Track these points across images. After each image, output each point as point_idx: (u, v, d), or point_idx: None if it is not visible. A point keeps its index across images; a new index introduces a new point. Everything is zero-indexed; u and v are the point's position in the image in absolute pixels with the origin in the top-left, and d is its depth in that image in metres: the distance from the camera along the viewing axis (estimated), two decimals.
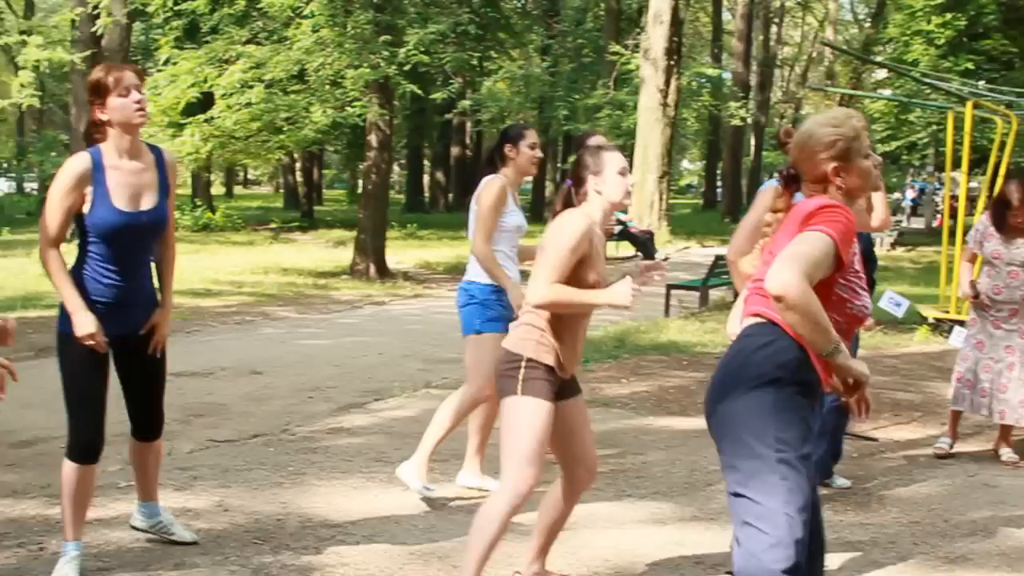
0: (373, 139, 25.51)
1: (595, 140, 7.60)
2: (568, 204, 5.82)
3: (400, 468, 7.70)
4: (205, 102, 25.76)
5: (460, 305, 7.73)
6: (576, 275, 5.56)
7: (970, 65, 33.82)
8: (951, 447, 9.73)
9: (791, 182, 4.60)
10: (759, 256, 4.62)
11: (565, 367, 5.69)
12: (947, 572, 6.76)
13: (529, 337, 5.60)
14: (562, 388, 5.73)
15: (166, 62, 24.99)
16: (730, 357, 4.48)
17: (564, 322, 5.63)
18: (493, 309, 7.39)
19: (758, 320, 4.44)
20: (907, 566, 6.83)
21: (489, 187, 7.59)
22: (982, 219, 9.83)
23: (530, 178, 8.63)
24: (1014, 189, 9.44)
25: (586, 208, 5.75)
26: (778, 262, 4.23)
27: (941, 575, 6.70)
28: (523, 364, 5.55)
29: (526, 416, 5.52)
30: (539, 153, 7.94)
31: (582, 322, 5.79)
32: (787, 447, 4.29)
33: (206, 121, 23.93)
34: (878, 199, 7.59)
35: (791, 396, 4.32)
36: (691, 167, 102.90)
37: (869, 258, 8.37)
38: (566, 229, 5.56)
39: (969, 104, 17.55)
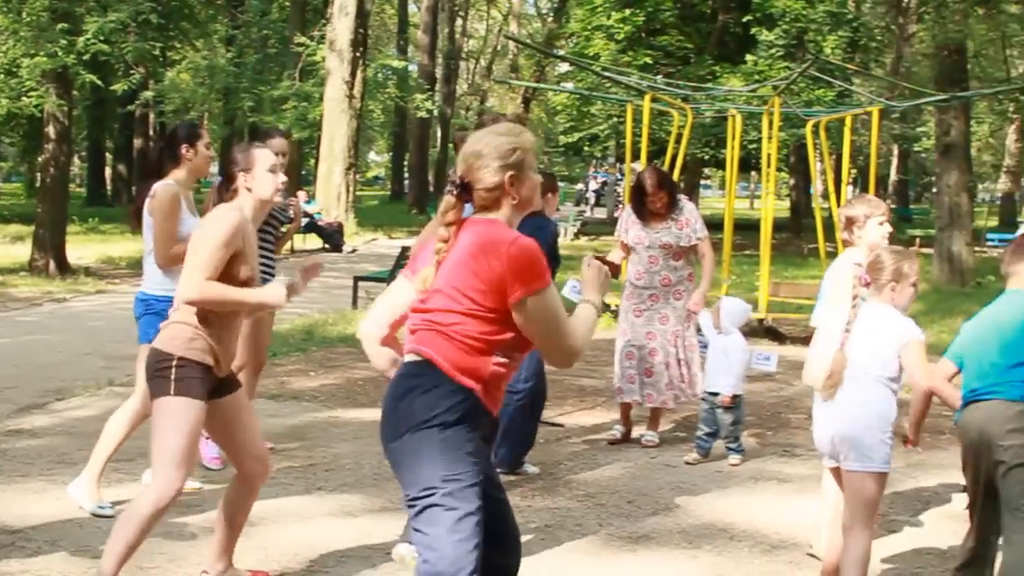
0: (51, 130, 24.67)
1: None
2: (220, 200, 5.80)
3: (71, 487, 7.41)
4: None
5: (137, 315, 7.49)
6: (228, 271, 5.54)
7: (648, 60, 34.81)
8: (624, 435, 9.98)
9: (463, 192, 4.55)
10: (434, 272, 4.58)
11: (220, 365, 5.66)
12: (631, 551, 6.97)
13: (180, 336, 5.55)
14: (220, 385, 5.70)
15: None
16: (399, 397, 4.46)
17: (217, 319, 5.61)
18: None
19: (421, 360, 4.43)
20: (593, 547, 7.02)
21: (162, 197, 7.25)
22: (627, 208, 10.16)
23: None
24: (647, 176, 9.80)
25: (236, 203, 5.73)
26: (570, 351, 4.49)
27: (626, 554, 6.90)
28: (174, 363, 5.49)
29: (178, 417, 5.47)
30: (212, 152, 7.76)
31: (235, 320, 5.78)
32: (454, 482, 4.34)
33: None
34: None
35: (455, 435, 4.36)
36: (378, 159, 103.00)
37: (553, 257, 8.55)
38: (216, 225, 5.53)
39: (647, 97, 18.06)
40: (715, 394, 9.21)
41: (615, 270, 9.79)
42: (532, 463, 8.79)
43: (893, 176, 62.38)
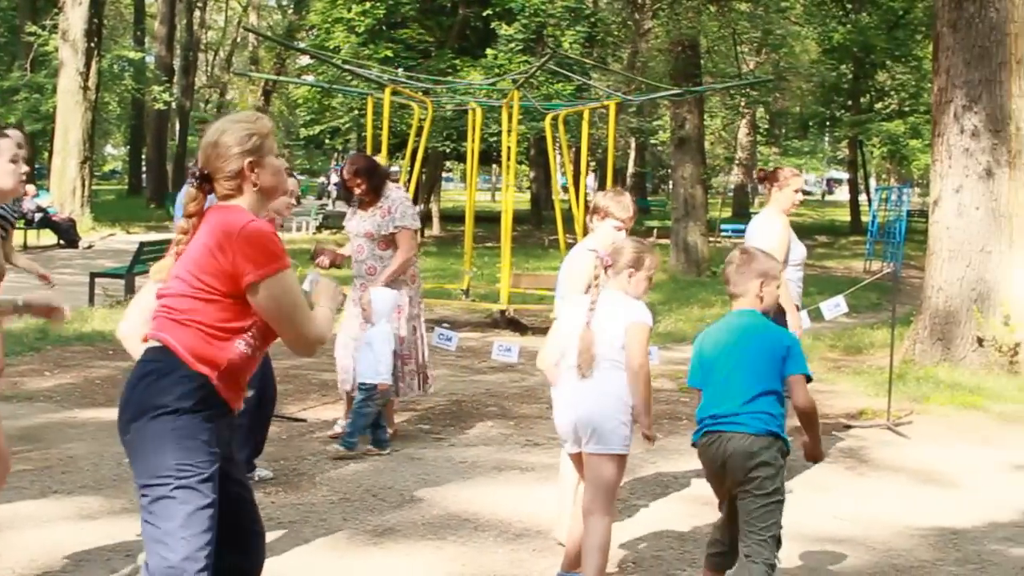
0: None
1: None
2: None
3: None
4: None
5: None
6: None
7: (389, 53, 34.73)
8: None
9: (204, 183, 4.52)
10: (172, 263, 4.52)
11: None
12: (376, 544, 6.97)
13: None
14: None
15: None
16: (134, 384, 4.38)
17: None
18: None
19: (159, 345, 4.36)
20: (337, 542, 7.00)
21: None
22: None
23: None
24: (347, 163, 9.86)
25: None
26: (311, 338, 4.43)
27: (371, 548, 6.91)
28: None
29: None
30: None
31: None
32: (187, 472, 4.27)
33: None
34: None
35: (190, 423, 4.29)
36: (115, 152, 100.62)
37: None
38: None
39: (388, 90, 18.09)
40: (365, 385, 9.24)
41: (338, 259, 9.77)
42: (277, 459, 8.72)
43: (631, 168, 63.70)
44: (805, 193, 10.33)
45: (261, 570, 4.74)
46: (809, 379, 5.70)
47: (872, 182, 65.87)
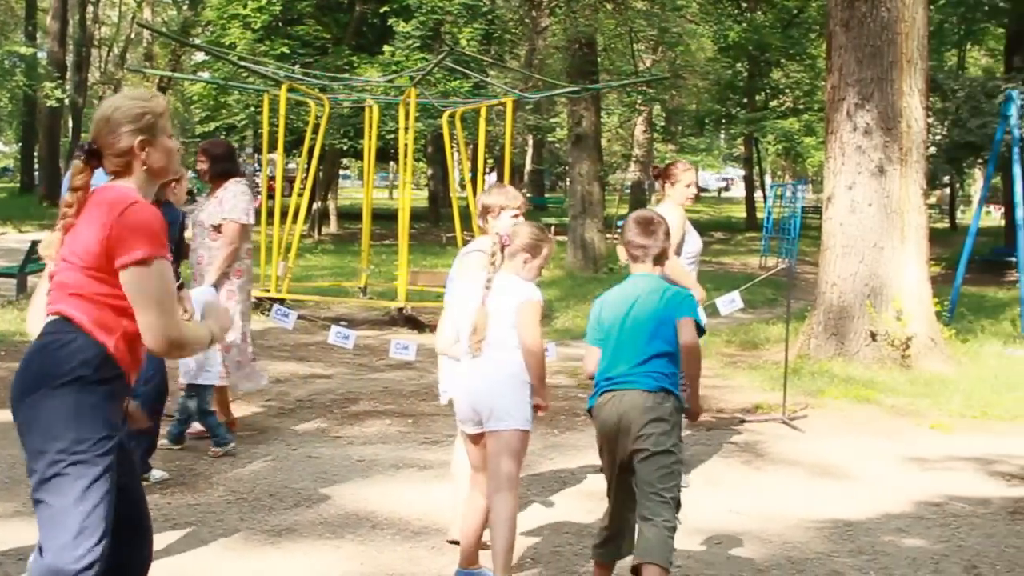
0: None
1: None
2: None
3: None
4: None
5: None
6: None
7: (286, 50, 34.53)
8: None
9: (92, 158, 4.44)
10: (60, 237, 4.45)
11: None
12: (273, 544, 6.92)
13: None
14: None
15: None
16: (31, 356, 4.32)
17: None
18: None
19: (57, 318, 4.29)
20: (234, 542, 6.93)
21: None
22: None
23: None
24: (204, 143, 9.83)
25: None
26: (165, 332, 4.22)
27: (268, 548, 6.85)
28: None
29: None
30: None
31: None
32: (84, 446, 4.20)
33: None
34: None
35: (92, 394, 4.22)
36: (6, 150, 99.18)
37: (177, 250, 8.45)
38: None
39: (284, 87, 17.99)
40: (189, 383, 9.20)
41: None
42: (173, 459, 8.64)
43: (528, 166, 63.92)
44: (701, 190, 10.39)
45: (148, 568, 4.67)
46: (702, 331, 5.79)
47: (767, 179, 66.57)
